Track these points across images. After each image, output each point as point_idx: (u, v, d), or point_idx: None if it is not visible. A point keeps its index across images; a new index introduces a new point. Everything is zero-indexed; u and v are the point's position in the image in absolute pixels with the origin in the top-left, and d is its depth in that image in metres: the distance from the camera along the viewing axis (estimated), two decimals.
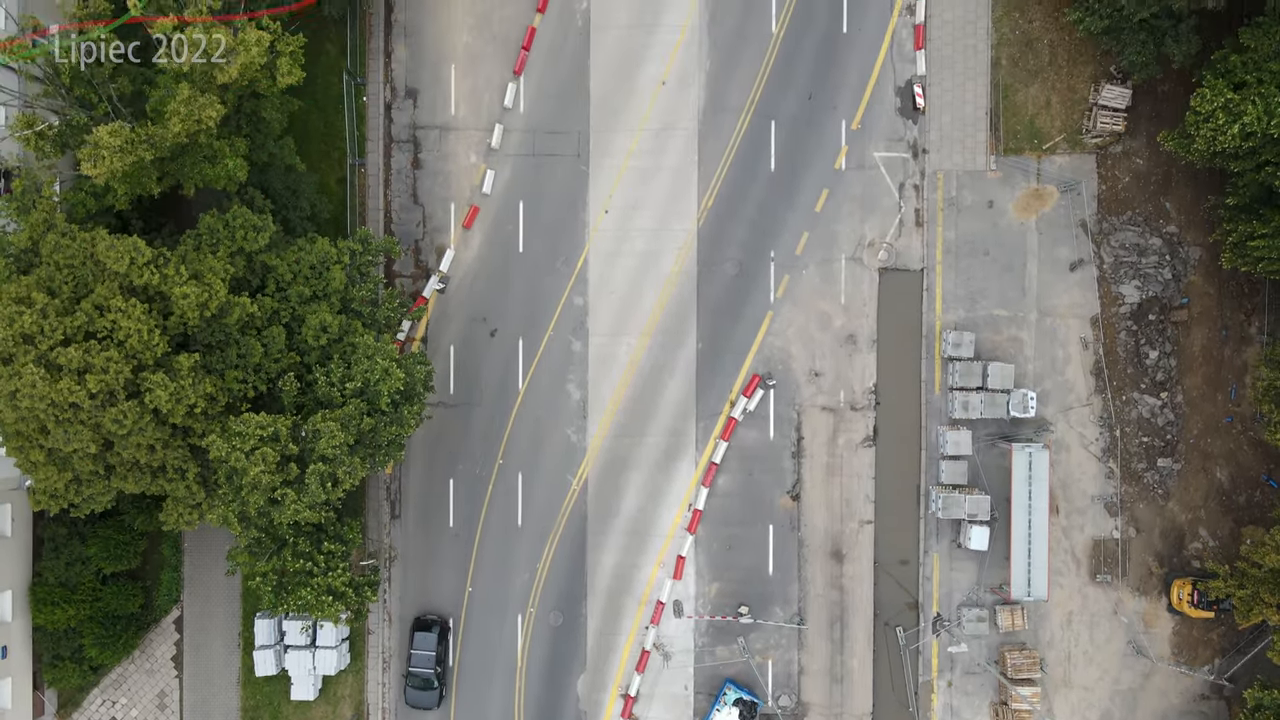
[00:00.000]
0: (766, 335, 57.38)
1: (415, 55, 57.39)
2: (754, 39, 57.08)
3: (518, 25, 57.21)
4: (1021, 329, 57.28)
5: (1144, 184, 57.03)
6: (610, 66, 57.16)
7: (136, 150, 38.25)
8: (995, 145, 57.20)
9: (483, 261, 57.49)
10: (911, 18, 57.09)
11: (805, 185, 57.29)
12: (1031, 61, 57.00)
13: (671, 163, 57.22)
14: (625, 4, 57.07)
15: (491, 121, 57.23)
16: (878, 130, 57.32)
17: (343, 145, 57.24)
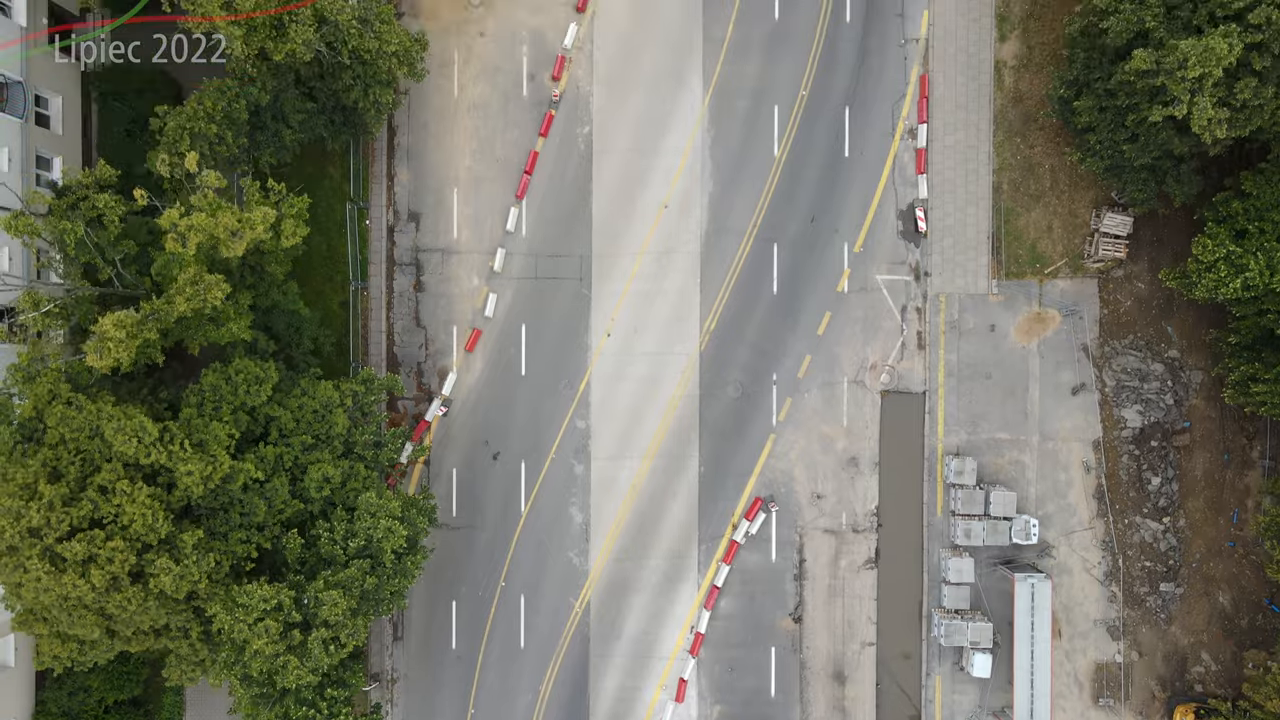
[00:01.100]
0: (769, 458, 57.41)
1: (418, 179, 57.48)
2: (756, 162, 57.18)
3: (520, 150, 57.31)
4: (1024, 452, 57.32)
5: (1146, 308, 57.10)
6: (612, 190, 57.26)
7: (143, 333, 38.35)
8: (997, 269, 57.30)
9: (485, 384, 57.54)
10: (913, 142, 57.20)
11: (808, 308, 57.36)
12: (1033, 186, 57.10)
13: (674, 286, 57.31)
14: (627, 128, 57.18)
15: (494, 245, 57.33)
16: (880, 253, 57.41)
17: (345, 269, 57.32)
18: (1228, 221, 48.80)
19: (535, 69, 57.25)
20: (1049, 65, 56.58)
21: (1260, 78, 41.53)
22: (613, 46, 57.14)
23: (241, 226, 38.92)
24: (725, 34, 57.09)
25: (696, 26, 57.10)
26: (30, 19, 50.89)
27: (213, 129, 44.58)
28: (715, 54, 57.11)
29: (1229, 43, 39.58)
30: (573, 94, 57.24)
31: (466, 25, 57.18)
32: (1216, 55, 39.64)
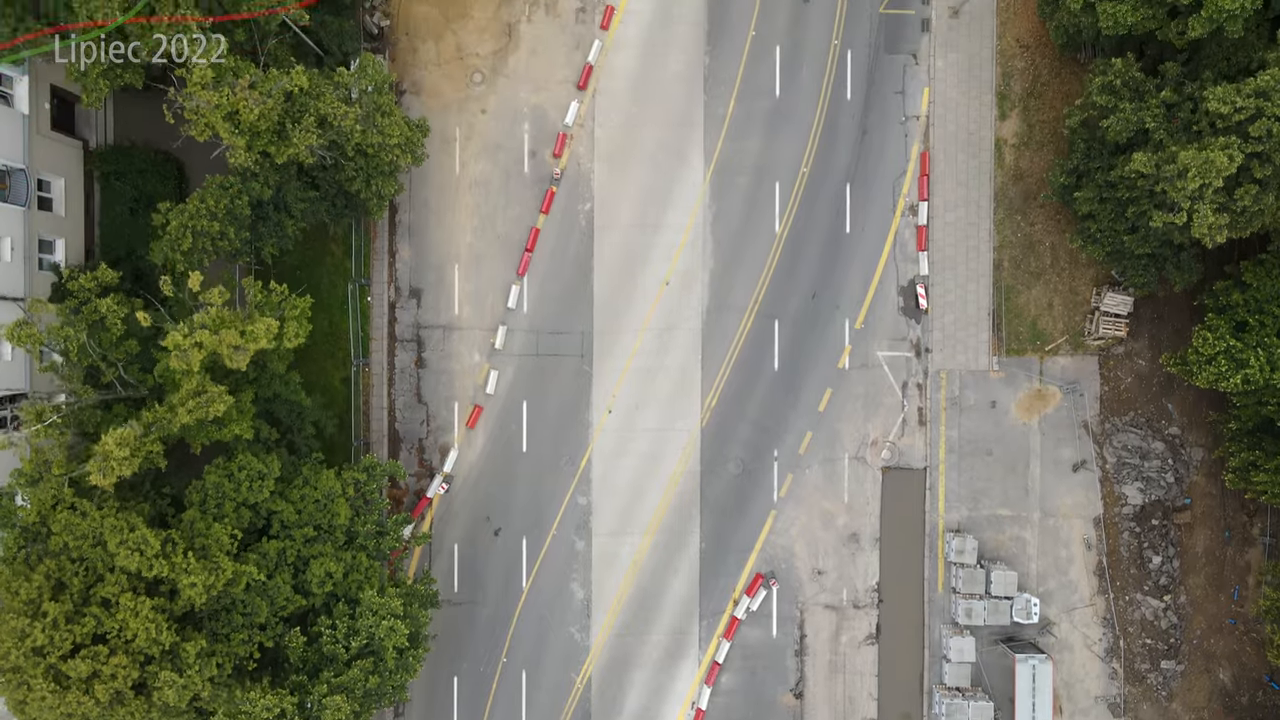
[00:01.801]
0: (770, 534, 57.50)
1: (419, 256, 57.58)
2: (758, 239, 57.29)
3: (521, 226, 57.41)
4: (1024, 529, 57.40)
5: (1146, 386, 57.20)
6: (614, 267, 57.36)
7: (145, 446, 38.45)
8: (998, 345, 57.39)
9: (487, 460, 57.61)
10: (914, 218, 57.32)
11: (809, 384, 57.46)
12: (1033, 264, 57.21)
13: (675, 362, 57.40)
14: (628, 205, 57.29)
15: (495, 321, 57.41)
16: (881, 329, 57.51)
17: (347, 345, 57.40)
18: (1227, 312, 48.89)
19: (537, 146, 57.36)
20: (1049, 144, 56.71)
21: (1261, 185, 41.66)
22: (614, 123, 57.25)
23: (245, 341, 39.01)
24: (726, 111, 57.21)
25: (698, 104, 57.23)
26: (33, 107, 51.02)
27: (215, 226, 44.68)
28: (716, 131, 57.22)
29: (1229, 155, 39.70)
30: (574, 171, 57.36)
31: (468, 102, 57.30)
32: (1217, 168, 39.76)
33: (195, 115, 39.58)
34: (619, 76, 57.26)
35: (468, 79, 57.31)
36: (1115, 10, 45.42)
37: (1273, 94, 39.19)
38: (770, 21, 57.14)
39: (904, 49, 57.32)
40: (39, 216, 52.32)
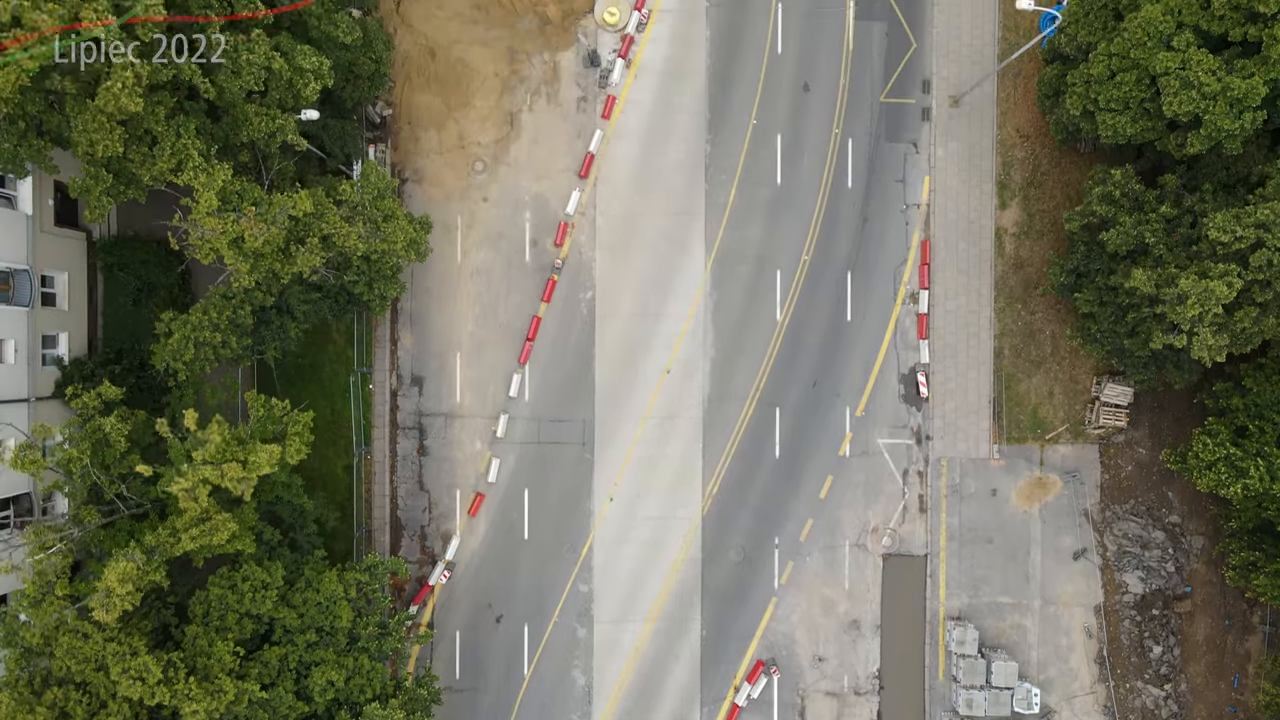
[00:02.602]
0: (770, 621, 57.59)
1: (421, 343, 57.71)
2: (758, 327, 57.44)
3: (523, 315, 57.55)
4: (1025, 616, 57.51)
5: (1147, 474, 57.33)
6: (615, 356, 57.50)
7: (149, 575, 38.59)
8: (998, 434, 57.53)
9: (488, 548, 57.71)
10: (915, 306, 57.47)
11: (809, 472, 57.59)
12: (1034, 352, 57.35)
13: (676, 451, 57.52)
14: (630, 293, 57.44)
15: (497, 410, 57.54)
16: (882, 417, 57.65)
17: (349, 432, 57.52)
18: (1228, 415, 49.01)
19: (538, 234, 57.53)
20: (1049, 233, 56.89)
21: (1262, 307, 41.82)
22: (615, 212, 57.42)
23: (248, 472, 39.14)
24: (727, 199, 57.39)
25: (699, 193, 57.40)
26: (37, 206, 51.19)
27: (217, 337, 44.82)
28: (718, 219, 57.39)
29: (1229, 283, 39.86)
30: (576, 260, 57.53)
31: (470, 191, 57.48)
32: (1216, 296, 39.93)
33: (200, 242, 39.71)
34: (620, 165, 57.44)
35: (470, 167, 57.49)
36: (1115, 121, 45.63)
37: (1273, 226, 39.35)
38: (771, 110, 57.33)
39: (905, 137, 57.50)
40: (43, 313, 52.48)
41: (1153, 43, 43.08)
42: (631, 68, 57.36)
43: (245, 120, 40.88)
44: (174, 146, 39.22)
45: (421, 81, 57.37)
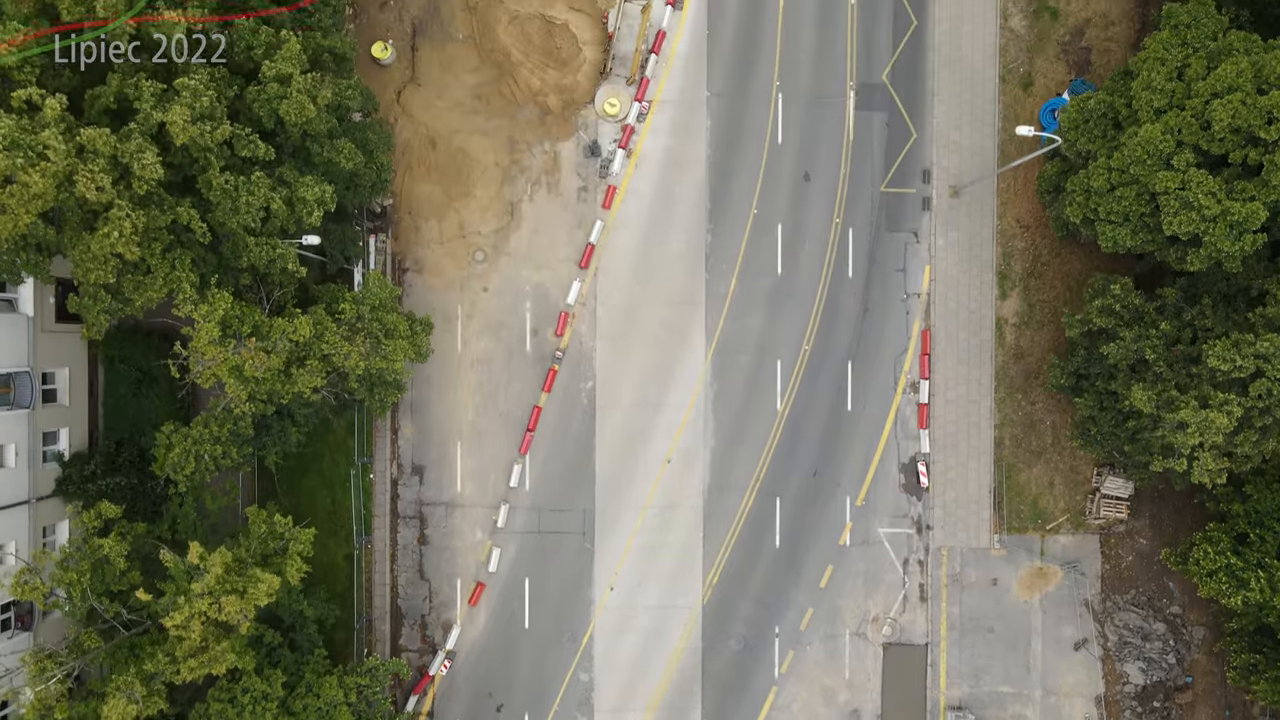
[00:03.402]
0: (771, 710, 57.56)
1: (422, 433, 57.73)
2: (759, 417, 57.44)
3: (523, 404, 57.57)
4: (1026, 706, 57.46)
5: (1148, 565, 57.31)
6: (615, 446, 57.51)
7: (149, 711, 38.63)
8: (999, 524, 57.51)
9: (489, 638, 57.70)
10: (915, 396, 57.48)
11: (810, 561, 57.58)
12: (1034, 443, 57.35)
13: (677, 540, 57.52)
14: (630, 384, 57.46)
15: (497, 499, 57.53)
16: (882, 506, 57.64)
17: (349, 522, 57.52)
18: (1228, 520, 49.00)
19: (539, 324, 57.57)
20: (1050, 323, 56.90)
21: (1262, 432, 41.83)
22: (616, 302, 57.46)
23: (246, 603, 39.15)
24: (728, 289, 57.43)
25: (699, 283, 57.44)
26: (38, 307, 51.22)
27: (218, 449, 44.86)
28: (718, 309, 57.43)
29: (1228, 412, 39.88)
30: (576, 349, 57.55)
31: (470, 280, 57.52)
32: (1216, 426, 39.95)
33: (201, 370, 39.75)
34: (621, 255, 57.49)
35: (470, 257, 57.55)
36: (1114, 233, 45.66)
37: (1273, 357, 39.36)
38: (771, 200, 57.39)
39: (905, 227, 57.55)
40: (43, 411, 52.51)
41: (1152, 160, 43.10)
42: (632, 158, 57.42)
43: (245, 248, 40.91)
44: (167, 278, 39.27)
45: (422, 171, 57.43)
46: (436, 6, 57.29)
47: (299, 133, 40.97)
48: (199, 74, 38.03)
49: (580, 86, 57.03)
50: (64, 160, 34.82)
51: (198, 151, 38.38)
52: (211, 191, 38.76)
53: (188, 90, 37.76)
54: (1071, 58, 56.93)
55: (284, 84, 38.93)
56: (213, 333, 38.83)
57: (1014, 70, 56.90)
